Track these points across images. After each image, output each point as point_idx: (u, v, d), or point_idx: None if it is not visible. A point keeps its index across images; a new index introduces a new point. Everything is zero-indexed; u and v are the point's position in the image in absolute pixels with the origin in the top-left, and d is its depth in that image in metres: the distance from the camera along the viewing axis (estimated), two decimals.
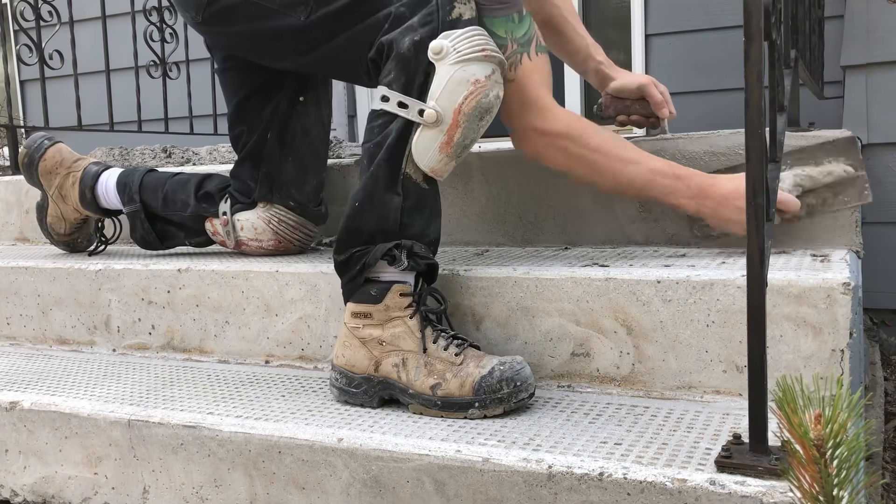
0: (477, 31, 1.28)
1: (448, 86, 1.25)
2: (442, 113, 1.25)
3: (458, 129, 1.26)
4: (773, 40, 1.00)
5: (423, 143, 1.27)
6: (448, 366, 1.22)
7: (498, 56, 1.28)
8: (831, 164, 1.42)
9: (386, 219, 1.28)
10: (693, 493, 0.91)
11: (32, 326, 1.81)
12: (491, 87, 1.27)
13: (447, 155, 1.28)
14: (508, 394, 1.18)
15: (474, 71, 1.25)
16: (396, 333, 1.26)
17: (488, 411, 1.18)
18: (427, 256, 1.29)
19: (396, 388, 1.25)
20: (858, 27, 2.16)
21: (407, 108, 1.26)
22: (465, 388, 1.19)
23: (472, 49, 1.25)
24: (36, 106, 3.59)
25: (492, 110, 1.29)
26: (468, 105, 1.25)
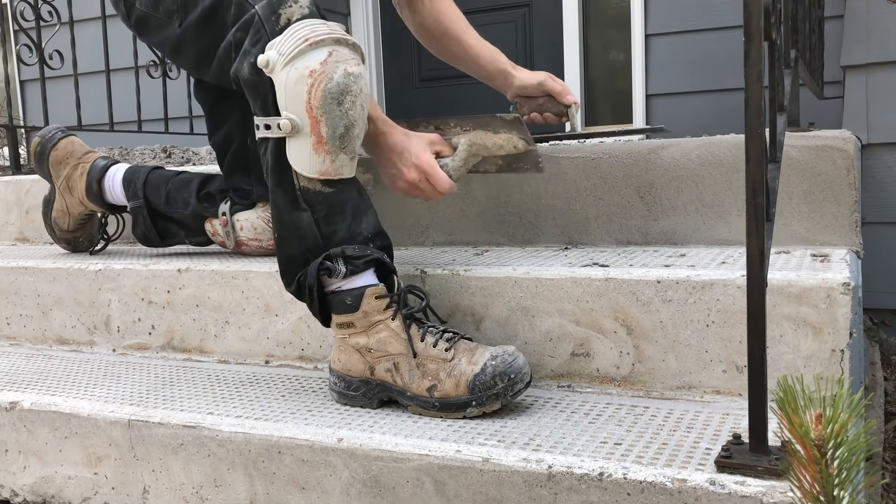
0: (300, 25, 1.24)
1: (288, 89, 1.22)
2: (296, 118, 1.22)
3: (321, 123, 1.22)
4: (773, 40, 1.00)
5: (296, 152, 1.24)
6: (441, 364, 1.21)
7: (330, 36, 1.23)
8: (504, 136, 1.44)
9: (305, 237, 1.26)
10: (693, 493, 0.91)
11: (32, 326, 1.81)
12: (333, 69, 1.21)
13: (326, 152, 1.23)
14: (504, 388, 1.17)
15: (306, 63, 1.21)
16: (382, 339, 1.24)
17: (486, 408, 1.18)
18: (364, 255, 1.26)
19: (394, 391, 1.25)
20: (858, 27, 2.16)
21: (270, 128, 1.25)
22: (461, 387, 1.18)
23: (296, 43, 1.22)
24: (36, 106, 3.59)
25: (349, 89, 1.22)
26: (315, 97, 1.21)
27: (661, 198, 1.54)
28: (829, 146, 1.42)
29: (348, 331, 1.27)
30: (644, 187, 1.55)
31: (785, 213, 1.45)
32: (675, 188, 1.53)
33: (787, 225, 1.45)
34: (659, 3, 2.78)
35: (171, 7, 1.42)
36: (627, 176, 1.56)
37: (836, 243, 1.43)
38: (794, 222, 1.45)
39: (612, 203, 1.59)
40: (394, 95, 3.62)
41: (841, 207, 1.42)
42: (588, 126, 3.15)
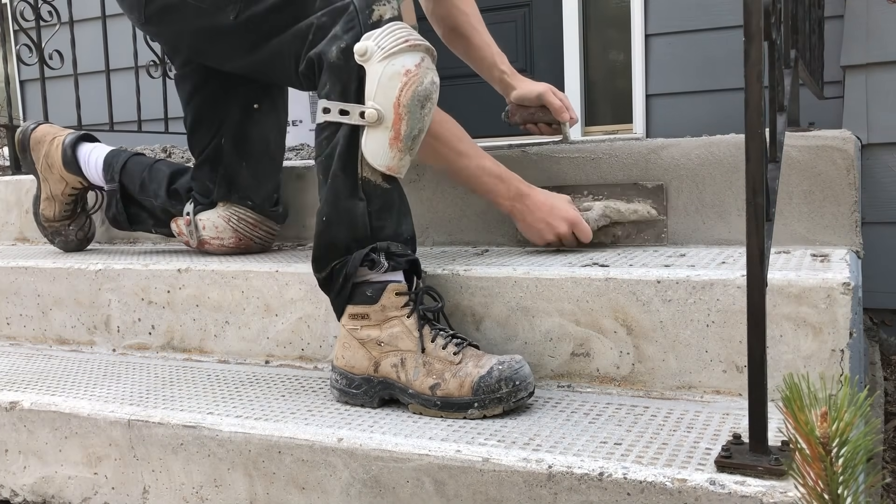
0: (397, 25, 1.29)
1: (381, 82, 1.26)
2: (382, 110, 1.26)
3: (402, 121, 1.27)
4: (773, 40, 1.00)
5: (373, 143, 1.27)
6: (447, 365, 1.22)
7: (423, 43, 1.29)
8: (639, 204, 1.55)
9: (355, 226, 1.29)
10: (693, 493, 0.91)
11: (32, 326, 1.81)
12: (424, 74, 1.27)
13: (399, 150, 1.28)
14: (507, 393, 1.18)
15: (403, 62, 1.26)
16: (394, 333, 1.26)
17: (487, 411, 1.18)
18: (406, 254, 1.30)
19: (396, 388, 1.25)
20: (858, 27, 2.16)
21: (348, 114, 1.27)
22: (464, 388, 1.19)
23: (396, 42, 1.26)
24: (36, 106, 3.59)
25: (431, 96, 1.29)
26: (406, 96, 1.26)
27: (661, 198, 1.54)
28: (829, 146, 1.42)
29: (360, 322, 1.28)
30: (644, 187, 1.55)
31: (785, 213, 1.45)
32: (675, 188, 1.53)
33: (787, 225, 1.45)
34: (659, 3, 2.78)
35: None
36: (628, 176, 1.56)
37: (836, 243, 1.43)
38: (794, 222, 1.45)
39: None
40: None
41: (841, 207, 1.42)
42: (588, 126, 3.15)
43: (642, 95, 2.84)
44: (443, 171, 1.55)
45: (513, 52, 3.24)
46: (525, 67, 3.26)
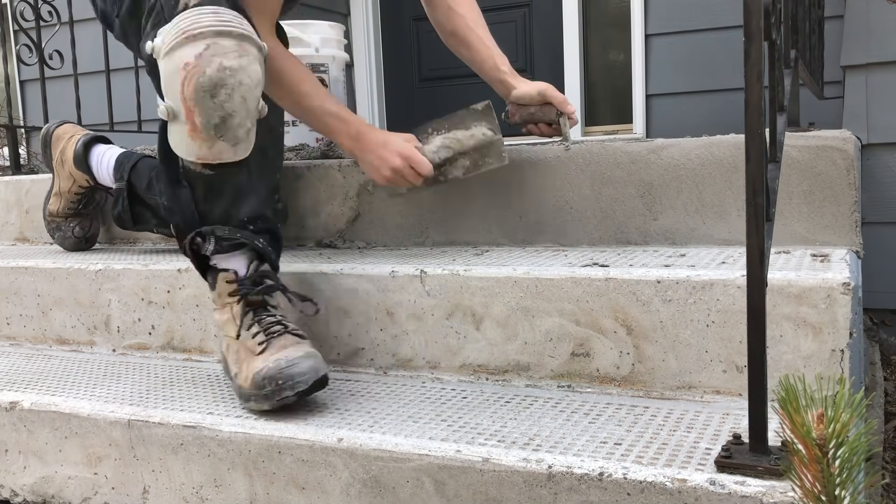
0: (188, 13, 1.23)
1: (166, 78, 1.24)
2: (173, 105, 1.24)
3: (194, 113, 1.23)
4: (773, 40, 1.00)
5: (175, 137, 1.28)
6: (248, 355, 1.27)
7: (213, 28, 1.22)
8: (475, 128, 1.57)
9: (185, 211, 1.35)
10: (693, 493, 0.91)
11: (32, 326, 1.81)
12: (207, 63, 1.21)
13: (202, 139, 1.24)
14: (271, 392, 1.20)
15: (182, 55, 1.21)
16: (225, 319, 1.34)
17: (260, 405, 1.22)
18: (232, 237, 1.33)
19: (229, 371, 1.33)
20: (858, 27, 2.16)
21: (158, 107, 1.28)
22: (248, 381, 1.24)
23: (176, 35, 1.22)
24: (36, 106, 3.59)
25: (224, 82, 1.21)
26: (188, 89, 1.22)
27: (661, 198, 1.54)
28: (829, 146, 1.42)
29: (213, 306, 1.38)
30: (644, 187, 1.55)
31: (785, 213, 1.45)
32: (675, 188, 1.53)
33: (787, 225, 1.45)
34: (659, 3, 2.78)
35: None
36: (628, 175, 1.56)
37: (836, 243, 1.43)
38: (794, 222, 1.45)
39: (612, 203, 1.59)
40: (393, 95, 3.62)
41: (841, 207, 1.42)
42: (588, 126, 3.15)
43: (642, 95, 2.84)
44: (293, 114, 1.58)
45: (513, 52, 3.24)
46: (525, 67, 3.26)
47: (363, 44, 3.54)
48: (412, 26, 3.52)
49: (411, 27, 3.53)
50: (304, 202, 1.85)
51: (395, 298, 1.42)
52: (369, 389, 1.35)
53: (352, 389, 1.36)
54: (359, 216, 1.80)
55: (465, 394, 1.31)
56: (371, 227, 1.79)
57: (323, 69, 2.34)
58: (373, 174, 1.56)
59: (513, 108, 1.77)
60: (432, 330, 1.40)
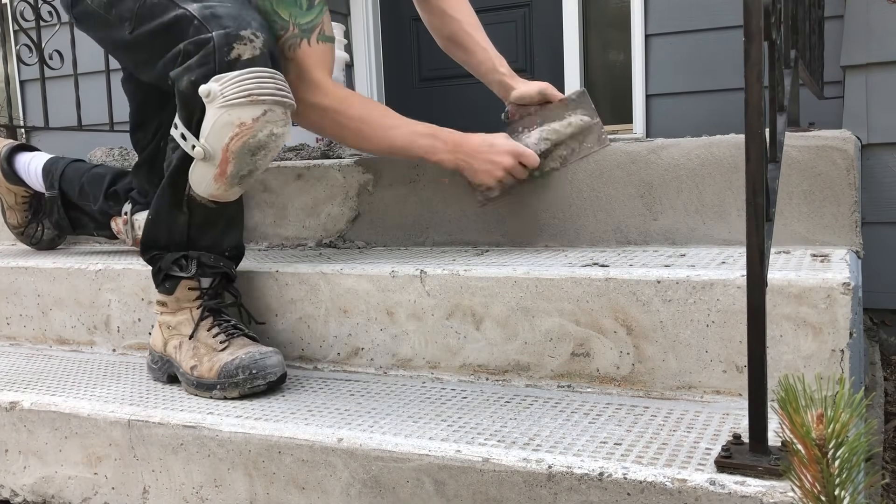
0: (250, 73, 1.32)
1: (215, 127, 1.32)
2: (211, 150, 1.33)
3: (229, 164, 1.34)
4: (773, 40, 1.00)
5: (199, 173, 1.37)
6: (209, 351, 1.37)
7: (273, 97, 1.32)
8: (570, 117, 1.59)
9: (173, 232, 1.44)
10: (693, 493, 0.91)
11: (32, 326, 1.81)
12: (260, 128, 1.32)
13: (224, 184, 1.37)
14: (243, 379, 1.31)
15: (240, 114, 1.31)
16: (181, 320, 1.43)
17: (227, 393, 1.32)
18: (216, 265, 1.44)
19: (174, 366, 1.43)
20: (858, 27, 2.16)
21: (186, 140, 1.36)
22: (213, 371, 1.34)
23: (239, 94, 1.30)
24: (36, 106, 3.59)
25: (266, 146, 1.34)
26: (235, 145, 1.32)
27: (661, 198, 1.54)
28: (829, 146, 1.42)
29: (161, 308, 1.47)
30: (644, 187, 1.55)
31: (785, 213, 1.45)
32: (675, 188, 1.53)
33: (787, 225, 1.45)
34: (659, 3, 2.78)
35: (126, 14, 1.47)
36: (628, 175, 1.56)
37: (836, 243, 1.43)
38: (794, 222, 1.45)
39: (612, 203, 1.59)
40: (393, 95, 3.62)
41: (841, 207, 1.42)
42: None
43: (642, 95, 2.84)
44: (381, 151, 1.56)
45: (513, 52, 3.24)
46: (525, 67, 3.26)
47: (363, 44, 3.54)
48: (412, 26, 3.52)
49: (411, 27, 3.53)
50: (305, 202, 1.85)
51: (395, 298, 1.42)
52: (369, 389, 1.36)
53: (352, 389, 1.36)
54: (359, 216, 1.80)
55: (465, 394, 1.31)
56: (371, 227, 1.79)
57: None
58: (483, 178, 1.54)
59: (512, 108, 1.77)
60: (432, 330, 1.40)
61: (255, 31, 1.34)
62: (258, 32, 1.35)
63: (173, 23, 1.38)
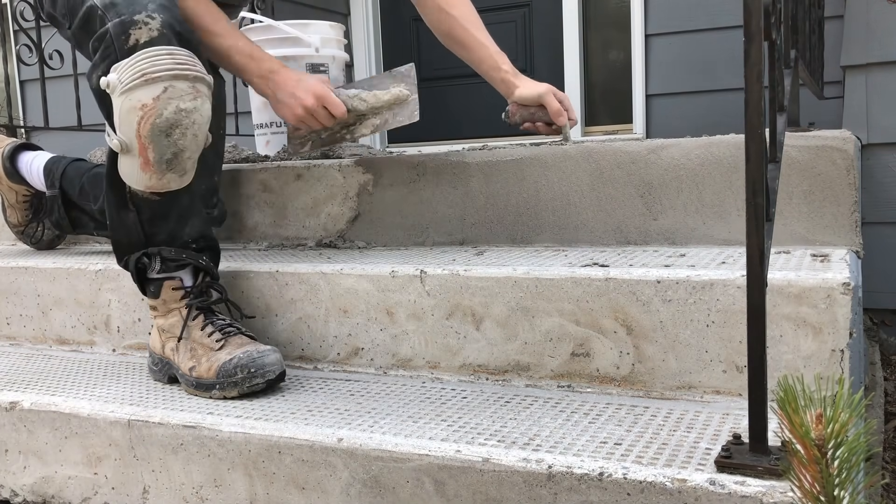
0: (143, 55, 1.30)
1: (122, 115, 1.31)
2: (127, 140, 1.32)
3: (148, 149, 1.32)
4: (773, 40, 1.00)
5: (125, 167, 1.36)
6: (206, 351, 1.37)
7: (171, 72, 1.30)
8: (393, 88, 1.62)
9: (130, 232, 1.43)
10: (693, 493, 0.91)
11: (32, 326, 1.81)
12: (164, 106, 1.29)
13: (153, 172, 1.34)
14: (242, 378, 1.31)
15: (139, 96, 1.29)
16: (173, 323, 1.44)
17: (226, 392, 1.32)
18: (178, 258, 1.42)
19: (173, 368, 1.43)
20: (858, 27, 2.16)
21: (109, 137, 1.36)
22: (211, 371, 1.34)
23: (134, 76, 1.29)
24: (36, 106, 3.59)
25: (179, 123, 1.31)
26: (144, 128, 1.30)
27: (661, 198, 1.54)
28: (829, 146, 1.42)
29: (154, 312, 1.47)
30: (644, 187, 1.55)
31: (785, 213, 1.45)
32: (675, 188, 1.53)
33: (787, 225, 1.45)
34: (659, 3, 2.78)
35: (63, 11, 1.48)
36: (628, 175, 1.56)
37: (836, 243, 1.43)
38: (794, 222, 1.45)
39: (612, 203, 1.59)
40: None
41: (841, 207, 1.42)
42: (588, 126, 3.14)
43: (642, 95, 2.84)
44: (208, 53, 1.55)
45: (513, 52, 3.24)
46: (525, 67, 3.26)
47: (363, 44, 3.54)
48: (412, 26, 3.52)
49: (411, 27, 3.53)
50: (304, 202, 1.85)
51: (394, 298, 1.42)
52: (369, 389, 1.36)
53: (352, 389, 1.36)
54: (359, 216, 1.80)
55: (465, 394, 1.31)
56: (371, 227, 1.79)
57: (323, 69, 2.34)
58: (284, 112, 1.56)
59: (514, 107, 1.77)
60: (432, 330, 1.40)
61: (151, 12, 1.32)
62: (154, 14, 1.32)
63: (87, 17, 1.38)
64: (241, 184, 1.91)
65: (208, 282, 1.45)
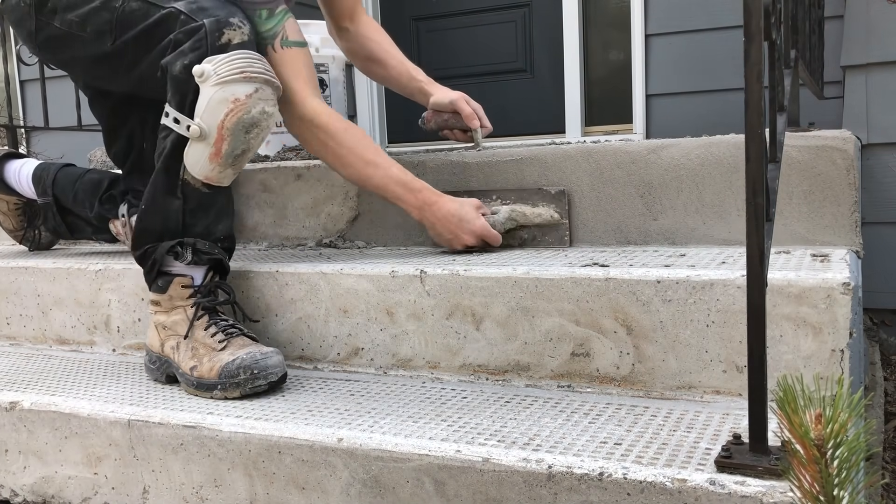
0: (241, 54, 1.39)
1: (210, 105, 1.37)
2: (206, 129, 1.38)
3: (224, 141, 1.39)
4: (773, 40, 1.00)
5: (194, 154, 1.41)
6: (208, 351, 1.38)
7: (263, 76, 1.40)
8: (543, 209, 1.62)
9: (168, 219, 1.45)
10: (693, 493, 0.91)
11: (32, 326, 1.81)
12: (253, 104, 1.38)
13: (218, 164, 1.41)
14: (245, 380, 1.32)
15: (234, 90, 1.37)
16: (176, 320, 1.44)
17: (228, 393, 1.33)
18: (210, 252, 1.45)
19: (173, 366, 1.43)
20: (858, 27, 2.16)
21: (179, 123, 1.40)
22: (213, 371, 1.34)
23: (232, 71, 1.37)
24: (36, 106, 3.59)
25: (259, 124, 1.40)
26: (230, 121, 1.37)
27: (661, 198, 1.54)
28: (829, 146, 1.42)
29: (155, 308, 1.47)
30: (644, 187, 1.55)
31: (785, 213, 1.45)
32: (675, 188, 1.53)
33: (787, 225, 1.45)
34: (659, 3, 2.78)
35: (104, 27, 1.51)
36: (628, 175, 1.56)
37: (836, 243, 1.43)
38: (794, 222, 1.45)
39: (612, 203, 1.59)
40: (393, 95, 3.62)
41: (841, 207, 1.42)
42: (588, 126, 3.14)
43: (642, 95, 2.84)
44: (354, 181, 1.59)
45: (513, 52, 3.24)
46: (525, 67, 3.26)
47: None
48: (412, 26, 3.52)
49: (411, 27, 3.53)
50: (304, 202, 1.85)
51: (394, 298, 1.42)
52: (369, 389, 1.36)
53: (352, 389, 1.36)
54: (359, 216, 1.80)
55: (465, 394, 1.31)
56: (371, 227, 1.79)
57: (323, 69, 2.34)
58: (443, 244, 1.60)
59: (429, 114, 1.86)
60: (432, 330, 1.40)
61: (242, 19, 1.43)
62: (244, 21, 1.43)
63: (160, 21, 1.44)
64: (240, 184, 1.91)
65: (217, 282, 1.46)
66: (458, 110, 1.80)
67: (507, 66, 3.27)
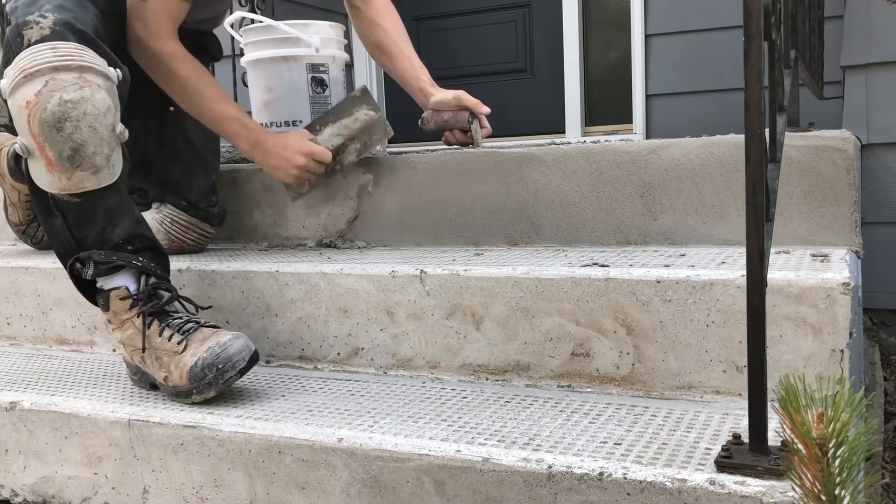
0: (25, 53, 1.28)
1: (16, 119, 1.28)
2: (27, 144, 1.29)
3: (45, 149, 1.27)
4: (773, 40, 1.00)
5: (35, 171, 1.32)
6: (172, 356, 1.32)
7: (50, 64, 1.26)
8: (357, 113, 1.70)
9: (60, 239, 1.39)
10: (693, 493, 0.91)
11: (32, 326, 1.81)
12: (47, 99, 1.25)
13: (61, 172, 1.29)
14: (214, 378, 1.27)
15: (23, 94, 1.26)
16: (130, 335, 1.38)
17: (205, 394, 1.28)
18: (109, 260, 1.36)
19: (149, 377, 1.38)
20: (858, 27, 2.16)
21: (16, 146, 1.33)
22: (183, 377, 1.29)
23: (14, 75, 1.27)
24: None
25: (67, 115, 1.26)
26: (34, 126, 1.26)
27: (661, 197, 1.54)
28: (829, 146, 1.42)
29: (111, 326, 1.42)
30: (644, 187, 1.55)
31: (785, 213, 1.45)
32: (675, 188, 1.53)
33: (787, 225, 1.45)
34: (659, 3, 2.78)
35: None
36: (628, 175, 1.56)
37: (836, 243, 1.43)
38: (794, 222, 1.45)
39: (612, 203, 1.59)
40: (394, 95, 3.62)
41: (841, 207, 1.42)
42: (588, 126, 3.15)
43: (642, 95, 2.84)
44: (197, 117, 1.63)
45: (513, 52, 3.24)
46: (525, 67, 3.26)
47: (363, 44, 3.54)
48: (412, 26, 3.52)
49: (411, 27, 3.53)
50: (305, 202, 1.85)
51: (394, 298, 1.42)
52: (369, 389, 1.36)
53: (352, 389, 1.36)
54: (359, 216, 1.80)
55: (465, 394, 1.31)
56: (371, 227, 1.79)
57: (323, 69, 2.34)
58: (280, 175, 1.65)
59: (429, 114, 1.87)
60: (432, 330, 1.40)
61: (45, 11, 1.31)
62: (47, 13, 1.31)
63: None
64: (240, 184, 1.91)
65: (154, 283, 1.38)
66: (463, 101, 1.80)
67: (507, 67, 3.27)
